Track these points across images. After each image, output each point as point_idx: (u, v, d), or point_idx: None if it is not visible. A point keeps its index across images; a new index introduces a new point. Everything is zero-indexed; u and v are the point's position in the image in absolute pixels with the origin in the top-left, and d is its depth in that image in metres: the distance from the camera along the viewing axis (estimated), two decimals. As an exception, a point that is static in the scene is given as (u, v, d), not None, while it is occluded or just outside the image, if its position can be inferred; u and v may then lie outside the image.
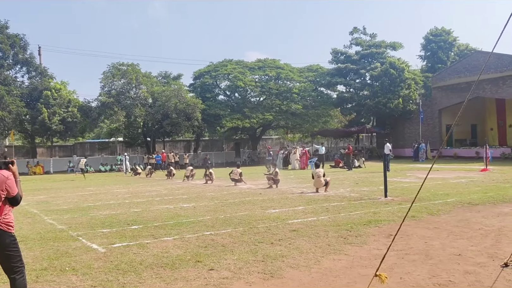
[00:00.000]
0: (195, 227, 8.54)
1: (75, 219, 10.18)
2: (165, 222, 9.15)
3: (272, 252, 6.29)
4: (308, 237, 7.23)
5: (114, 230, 8.49)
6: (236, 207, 11.25)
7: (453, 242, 6.66)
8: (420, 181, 17.45)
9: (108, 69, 38.74)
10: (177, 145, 47.38)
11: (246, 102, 42.75)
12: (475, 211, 9.50)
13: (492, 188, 13.96)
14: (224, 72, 42.29)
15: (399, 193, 13.28)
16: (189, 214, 10.21)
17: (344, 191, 14.50)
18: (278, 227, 8.19)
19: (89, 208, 12.18)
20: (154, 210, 11.10)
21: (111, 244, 7.17)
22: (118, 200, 13.88)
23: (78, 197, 15.46)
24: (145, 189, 17.91)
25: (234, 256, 6.09)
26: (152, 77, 42.14)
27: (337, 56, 44.44)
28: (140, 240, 7.42)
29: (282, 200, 12.52)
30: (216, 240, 7.25)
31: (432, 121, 40.18)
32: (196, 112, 37.14)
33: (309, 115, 41.16)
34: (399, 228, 4.60)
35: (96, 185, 21.30)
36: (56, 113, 34.88)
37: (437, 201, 11.16)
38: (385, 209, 10.13)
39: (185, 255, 6.24)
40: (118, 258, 6.19)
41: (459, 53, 48.98)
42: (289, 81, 43.99)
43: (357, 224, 8.23)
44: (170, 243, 7.07)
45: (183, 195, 15.01)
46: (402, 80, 39.84)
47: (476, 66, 36.18)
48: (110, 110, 36.55)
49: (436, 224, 8.18)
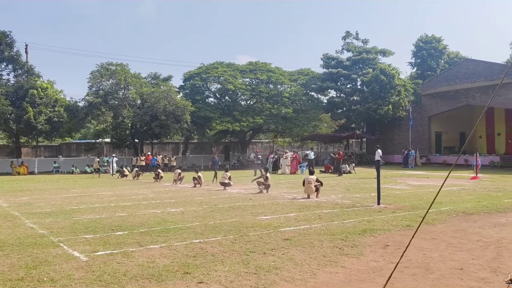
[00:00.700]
0: (183, 234, 8.18)
1: (58, 223, 9.74)
2: (151, 228, 8.77)
3: (265, 263, 5.96)
4: (302, 247, 6.91)
5: (98, 236, 8.09)
6: (226, 213, 10.90)
7: (452, 254, 6.40)
8: (412, 188, 17.37)
9: (97, 69, 38.14)
10: (165, 147, 46.82)
11: (236, 105, 42.45)
12: (471, 221, 9.28)
13: (485, 197, 13.82)
14: (215, 75, 41.93)
15: (391, 200, 13.06)
16: (177, 220, 9.83)
17: (336, 197, 14.24)
18: (270, 235, 7.87)
19: (72, 211, 11.73)
20: (141, 215, 10.70)
21: (93, 251, 6.77)
22: (103, 204, 13.44)
23: (62, 200, 14.96)
24: (132, 192, 17.46)
25: (225, 268, 5.74)
26: (141, 78, 41.59)
27: (328, 61, 44.40)
28: (125, 247, 7.03)
29: (273, 206, 12.20)
30: (205, 248, 6.90)
31: (421, 128, 40.29)
32: (185, 114, 36.69)
33: (299, 119, 41.00)
34: (407, 246, 4.29)
35: (81, 187, 20.76)
36: (42, 113, 34.14)
37: (431, 210, 10.91)
38: (379, 217, 9.87)
39: (173, 266, 5.88)
40: (101, 268, 5.80)
41: (449, 60, 49.31)
42: (280, 84, 43.80)
43: (351, 233, 7.94)
44: (156, 252, 6.70)
45: (170, 199, 14.62)
46: (392, 87, 39.90)
47: (466, 74, 36.39)
48: (98, 111, 35.94)
49: (433, 234, 7.93)
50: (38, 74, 37.88)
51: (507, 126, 37.36)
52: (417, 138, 39.49)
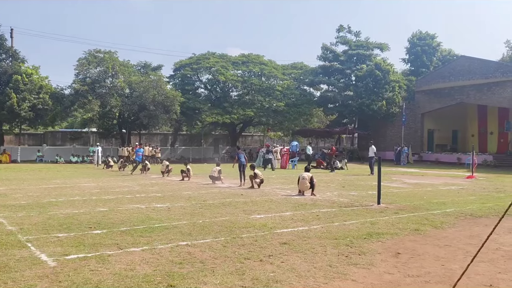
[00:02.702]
0: (169, 234, 7.33)
1: (30, 218, 8.82)
2: (133, 227, 7.90)
3: (262, 273, 5.14)
4: (303, 253, 6.11)
5: (72, 235, 7.20)
6: (216, 210, 10.07)
7: (475, 266, 5.63)
8: (409, 187, 16.69)
9: (84, 56, 36.84)
10: (153, 138, 45.74)
11: (227, 97, 41.49)
12: (482, 225, 8.57)
13: (487, 197, 13.17)
14: (206, 65, 40.87)
15: (390, 199, 12.31)
16: (163, 217, 8.97)
17: (331, 195, 13.48)
18: (266, 238, 7.05)
19: (49, 204, 10.80)
20: (123, 211, 9.81)
21: (64, 255, 5.89)
22: (84, 196, 12.51)
23: (41, 191, 14.00)
24: (116, 184, 16.53)
25: (216, 279, 4.90)
26: (130, 66, 40.38)
27: (326, 53, 43.41)
28: (102, 250, 6.16)
29: (267, 203, 11.39)
30: (193, 253, 6.06)
31: (414, 125, 39.77)
32: (175, 105, 35.65)
33: (291, 113, 40.20)
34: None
35: (64, 178, 19.76)
36: (26, 99, 32.84)
37: (435, 211, 10.23)
38: (382, 218, 9.12)
39: (155, 275, 5.03)
40: (70, 277, 4.93)
41: (442, 58, 48.84)
42: (273, 78, 42.88)
43: (356, 238, 7.16)
44: (137, 256, 5.84)
45: (157, 193, 13.73)
46: (386, 82, 39.25)
47: (461, 72, 35.87)
48: (84, 99, 34.71)
49: (445, 240, 7.18)
50: (23, 59, 36.46)
51: (500, 125, 36.98)
52: (409, 135, 38.96)
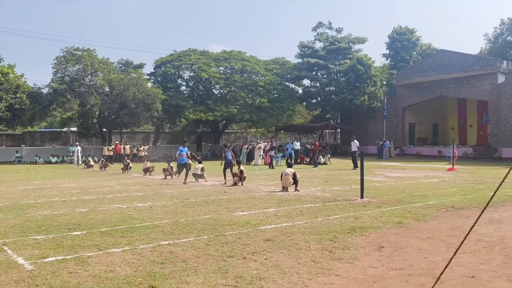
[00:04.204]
0: (151, 233, 7.20)
1: (7, 220, 8.58)
2: (114, 227, 7.74)
3: (246, 271, 5.07)
4: (287, 250, 6.06)
5: (51, 237, 7.01)
6: (199, 208, 9.96)
7: (457, 257, 5.64)
8: (391, 180, 16.81)
9: (62, 54, 36.13)
10: (135, 137, 45.21)
11: (210, 94, 41.23)
12: (463, 217, 8.66)
13: (468, 189, 13.34)
14: (188, 62, 40.49)
15: (373, 193, 12.38)
16: (144, 217, 8.82)
17: (315, 190, 13.49)
18: (249, 235, 6.98)
19: (27, 206, 10.54)
20: (104, 211, 9.62)
21: (42, 257, 5.72)
22: (64, 197, 12.25)
23: (19, 192, 13.67)
24: (97, 184, 16.25)
25: (199, 279, 4.81)
26: (110, 64, 39.74)
27: (303, 50, 43.52)
28: (81, 252, 6.01)
29: (250, 200, 11.32)
30: (175, 252, 5.95)
31: (395, 119, 40.15)
32: (156, 103, 35.24)
33: (274, 108, 40.16)
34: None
35: (43, 178, 19.36)
36: (3, 99, 32.16)
37: (417, 204, 10.32)
38: (365, 212, 9.14)
39: (136, 276, 4.92)
40: (47, 281, 4.78)
41: (421, 52, 49.41)
42: (255, 74, 42.75)
43: (340, 232, 7.15)
44: (117, 257, 5.71)
45: (138, 192, 13.54)
46: (368, 77, 39.52)
47: (441, 65, 36.29)
48: (63, 98, 34.03)
49: (428, 232, 7.22)
50: (-2, 58, 35.62)
51: (479, 117, 37.61)
52: (391, 129, 39.33)
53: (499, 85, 32.52)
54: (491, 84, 33.13)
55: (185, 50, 42.66)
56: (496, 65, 33.00)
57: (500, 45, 46.92)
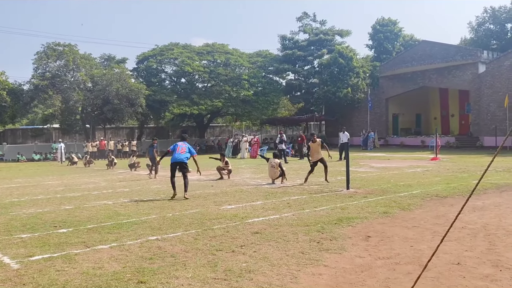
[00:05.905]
0: (138, 229, 7.16)
1: (-9, 220, 8.44)
2: (101, 224, 7.68)
3: (235, 264, 5.08)
4: (275, 242, 6.09)
5: (37, 235, 6.93)
6: (186, 203, 9.94)
7: (442, 245, 5.72)
8: (376, 171, 16.97)
9: (42, 49, 35.53)
10: (119, 133, 44.79)
11: (194, 88, 41.05)
12: (447, 205, 8.80)
13: (451, 178, 13.55)
14: (171, 56, 40.21)
15: (359, 184, 12.50)
16: (131, 212, 8.77)
17: (301, 182, 13.55)
18: (237, 229, 7.00)
19: (11, 204, 10.38)
20: (90, 208, 9.54)
21: (28, 256, 5.65)
22: (48, 195, 12.10)
23: (2, 191, 13.47)
24: (82, 181, 16.08)
25: (188, 273, 4.81)
26: (92, 59, 39.23)
27: (284, 42, 43.52)
28: (68, 249, 5.95)
29: (237, 193, 11.34)
30: (164, 247, 5.94)
31: (379, 110, 40.49)
32: (140, 98, 34.97)
33: (259, 102, 40.16)
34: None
35: (26, 176, 19.09)
36: (-18, 96, 31.56)
37: (402, 193, 10.44)
38: (351, 203, 9.23)
39: (124, 272, 4.89)
40: (35, 279, 4.73)
41: (404, 43, 49.78)
42: (239, 67, 42.65)
43: (327, 223, 7.21)
44: (105, 254, 5.67)
45: (124, 188, 13.45)
46: (350, 69, 39.69)
47: (423, 56, 36.64)
48: (44, 94, 33.59)
49: (413, 221, 7.33)
50: (-24, 55, 34.90)
51: (461, 107, 38.14)
52: (375, 120, 39.66)
53: (479, 75, 33.00)
54: (472, 74, 33.61)
55: (167, 44, 42.35)
56: (477, 55, 33.47)
57: (483, 33, 47.52)
